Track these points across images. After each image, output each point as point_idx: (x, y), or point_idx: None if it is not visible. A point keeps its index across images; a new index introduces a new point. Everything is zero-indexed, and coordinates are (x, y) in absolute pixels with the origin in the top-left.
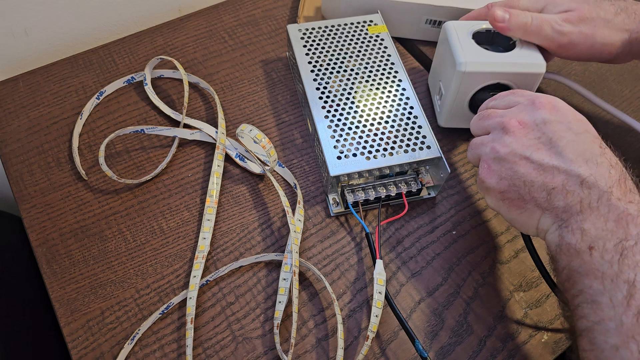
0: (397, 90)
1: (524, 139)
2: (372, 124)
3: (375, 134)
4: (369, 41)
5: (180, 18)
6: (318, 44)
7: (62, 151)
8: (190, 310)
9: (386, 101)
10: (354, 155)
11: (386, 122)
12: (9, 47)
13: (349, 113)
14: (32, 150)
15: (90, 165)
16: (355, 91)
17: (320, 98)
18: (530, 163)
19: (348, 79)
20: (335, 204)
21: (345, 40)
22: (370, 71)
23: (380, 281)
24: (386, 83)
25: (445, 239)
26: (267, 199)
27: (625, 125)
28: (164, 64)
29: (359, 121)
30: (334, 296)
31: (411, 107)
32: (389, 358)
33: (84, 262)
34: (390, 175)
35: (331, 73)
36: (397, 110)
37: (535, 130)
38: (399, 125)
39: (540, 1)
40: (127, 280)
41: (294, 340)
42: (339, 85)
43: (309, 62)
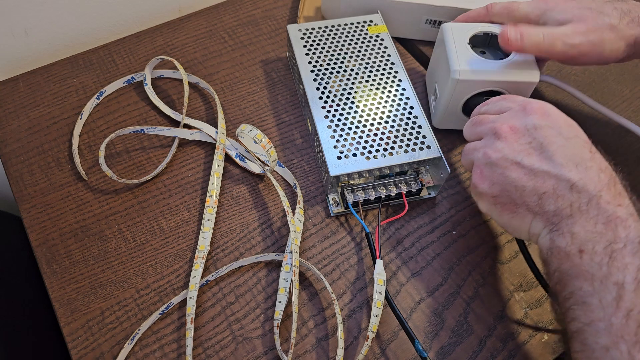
0: (397, 90)
1: (515, 144)
2: (372, 124)
3: (375, 134)
4: (369, 41)
5: (180, 18)
6: (318, 44)
7: (62, 151)
8: (190, 310)
9: (386, 101)
10: (354, 155)
11: (386, 122)
12: (9, 47)
13: (349, 113)
14: (32, 150)
15: (90, 165)
16: (355, 91)
17: (320, 98)
18: (521, 168)
19: (348, 79)
20: (335, 204)
21: (345, 40)
22: (370, 71)
23: (380, 281)
24: (386, 83)
25: (445, 239)
26: (267, 199)
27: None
28: (164, 64)
29: (359, 121)
30: (334, 296)
31: (411, 107)
32: (389, 358)
33: (84, 262)
34: (390, 175)
35: (331, 73)
36: (397, 110)
37: (526, 135)
38: (399, 125)
39: (541, 6)
40: (127, 280)
41: (294, 340)
42: (339, 85)
43: (309, 62)
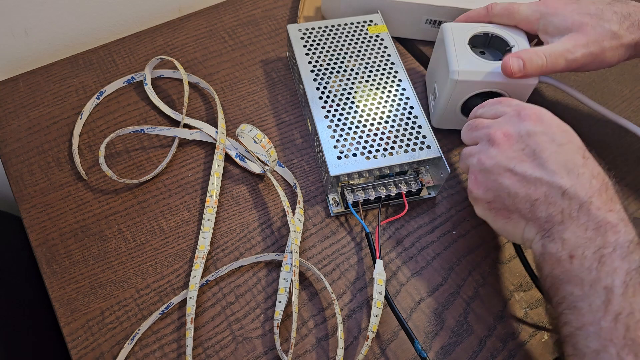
0: (397, 90)
1: (509, 150)
2: (372, 124)
3: (375, 134)
4: (369, 41)
5: (180, 18)
6: (318, 44)
7: (62, 151)
8: (190, 310)
9: (386, 101)
10: (354, 155)
11: (386, 122)
12: (9, 47)
13: (349, 113)
14: (32, 150)
15: (90, 165)
16: (355, 91)
17: (320, 98)
18: (514, 175)
19: (348, 79)
20: (335, 204)
21: (345, 40)
22: (370, 71)
23: (380, 281)
24: (386, 83)
25: (445, 239)
26: (267, 199)
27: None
28: (164, 64)
29: (359, 121)
30: (334, 296)
31: (411, 107)
32: (389, 358)
33: (84, 262)
34: (390, 175)
35: (331, 73)
36: (397, 110)
37: (519, 142)
38: (399, 125)
39: (541, 9)
40: (127, 280)
41: (294, 340)
42: (339, 85)
43: (309, 62)
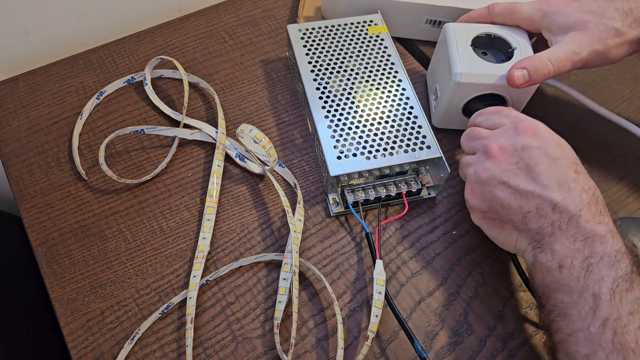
0: (397, 90)
1: (504, 163)
2: (372, 124)
3: (375, 134)
4: (369, 41)
5: (180, 18)
6: (318, 44)
7: (62, 151)
8: (190, 310)
9: (386, 101)
10: (354, 155)
11: (386, 122)
12: (9, 47)
13: (349, 113)
14: (32, 150)
15: (90, 165)
16: (355, 91)
17: (320, 98)
18: (507, 188)
19: (348, 79)
20: (335, 203)
21: (345, 40)
22: (370, 71)
23: (380, 281)
24: (386, 83)
25: (445, 239)
26: (267, 199)
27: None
28: (164, 64)
29: (359, 121)
30: (334, 296)
31: (411, 107)
32: (389, 358)
33: (84, 262)
34: (390, 175)
35: (331, 73)
36: (397, 110)
37: (514, 155)
38: (399, 125)
39: (543, 8)
40: (127, 280)
41: (294, 340)
42: (339, 85)
43: (309, 62)
